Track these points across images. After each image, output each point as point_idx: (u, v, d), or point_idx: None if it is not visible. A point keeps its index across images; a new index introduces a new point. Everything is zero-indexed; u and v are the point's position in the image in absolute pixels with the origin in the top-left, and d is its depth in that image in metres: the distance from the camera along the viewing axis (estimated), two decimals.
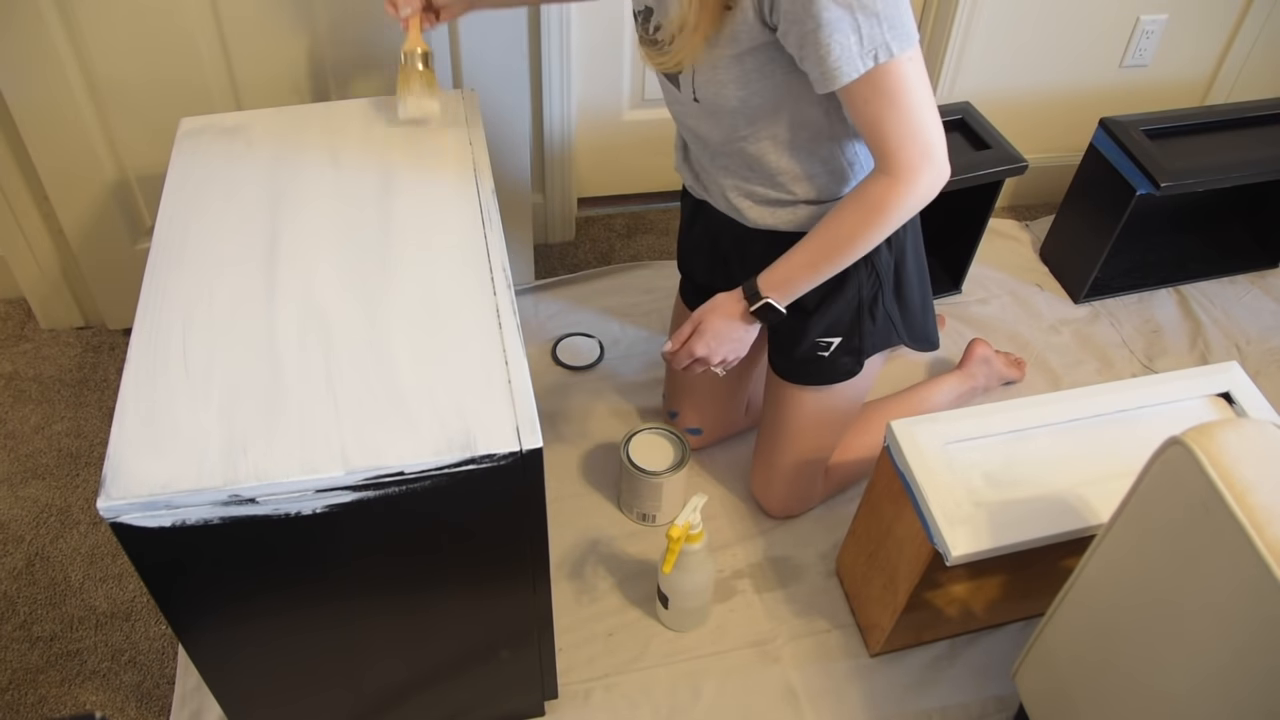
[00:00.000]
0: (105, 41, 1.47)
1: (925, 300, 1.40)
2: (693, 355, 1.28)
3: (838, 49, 1.01)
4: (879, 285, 1.31)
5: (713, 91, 1.14)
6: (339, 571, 1.01)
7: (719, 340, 1.26)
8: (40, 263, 1.77)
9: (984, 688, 1.39)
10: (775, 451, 1.51)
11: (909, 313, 1.37)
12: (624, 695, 1.37)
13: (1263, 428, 0.90)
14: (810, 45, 1.02)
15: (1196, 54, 2.11)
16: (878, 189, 1.11)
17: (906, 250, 1.32)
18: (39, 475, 1.63)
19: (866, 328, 1.34)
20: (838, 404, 1.44)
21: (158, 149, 1.60)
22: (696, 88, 1.15)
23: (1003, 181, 1.81)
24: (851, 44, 1.00)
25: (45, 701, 1.37)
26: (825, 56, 1.02)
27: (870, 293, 1.31)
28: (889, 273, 1.31)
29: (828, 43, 1.01)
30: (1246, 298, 2.05)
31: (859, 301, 1.31)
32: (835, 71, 1.03)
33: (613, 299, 1.96)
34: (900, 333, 1.37)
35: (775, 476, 1.53)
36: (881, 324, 1.34)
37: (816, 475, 1.55)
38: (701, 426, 1.65)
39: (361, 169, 1.22)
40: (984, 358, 1.76)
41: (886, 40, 1.00)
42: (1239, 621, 0.86)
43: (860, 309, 1.32)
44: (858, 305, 1.31)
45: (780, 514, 1.59)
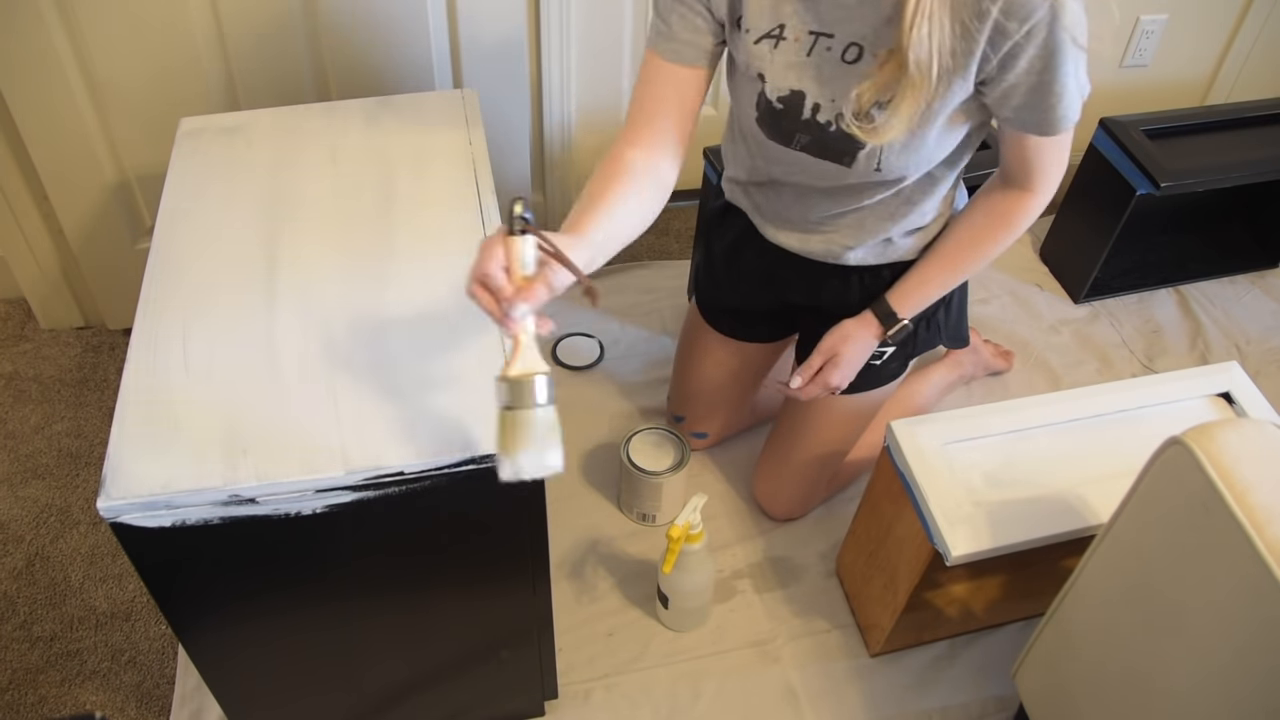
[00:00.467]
0: (105, 41, 1.47)
1: (963, 300, 1.40)
2: (828, 386, 1.30)
3: (1073, 89, 1.00)
4: (941, 299, 1.30)
5: (905, 158, 1.08)
6: (339, 571, 1.01)
7: (851, 367, 1.29)
8: (40, 263, 1.77)
9: (984, 688, 1.39)
10: (792, 452, 1.50)
11: (951, 315, 1.37)
12: (624, 695, 1.37)
13: (1263, 428, 0.90)
14: (1042, 91, 1.00)
15: (1196, 54, 2.11)
16: (1012, 200, 1.15)
17: None
18: (39, 475, 1.63)
19: (921, 335, 1.34)
20: (869, 408, 1.44)
21: (158, 149, 1.60)
22: (884, 158, 1.08)
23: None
24: (1081, 82, 1.01)
25: (45, 701, 1.37)
26: (1058, 103, 1.01)
27: (934, 305, 1.30)
28: None
29: (1063, 85, 0.99)
30: (1246, 298, 2.05)
31: (922, 314, 1.30)
32: (1066, 116, 1.02)
33: (613, 299, 1.96)
34: (943, 335, 1.38)
35: (786, 479, 1.53)
36: (933, 330, 1.36)
37: (825, 480, 1.54)
38: (708, 432, 1.65)
39: (361, 169, 1.22)
40: (971, 346, 1.76)
41: (1083, 76, 1.01)
42: (1239, 621, 0.86)
43: (920, 318, 1.31)
44: (920, 315, 1.30)
45: (784, 517, 1.59)
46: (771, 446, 1.56)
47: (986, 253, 1.20)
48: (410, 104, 1.33)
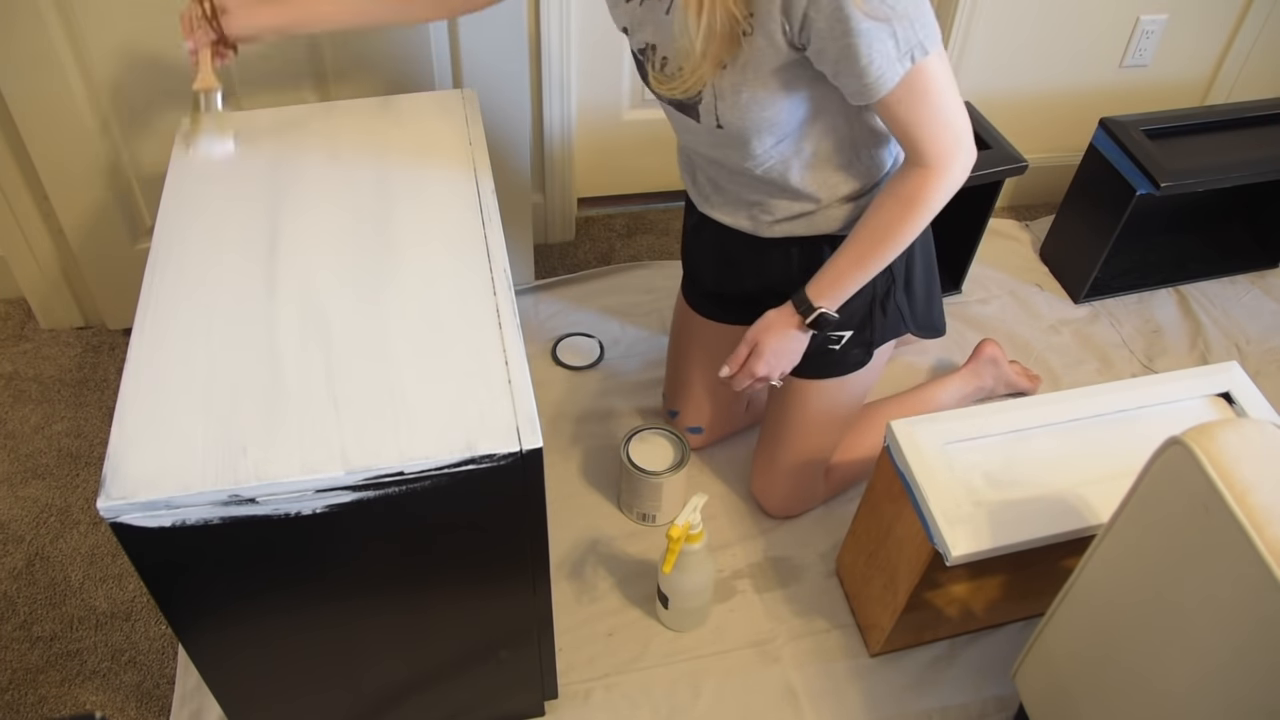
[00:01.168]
0: (105, 41, 1.47)
1: (932, 289, 1.40)
2: (754, 375, 1.30)
3: (879, 59, 1.01)
4: (892, 280, 1.31)
5: (737, 115, 1.13)
6: (339, 571, 1.01)
7: (777, 356, 1.29)
8: (40, 263, 1.77)
9: (984, 688, 1.39)
10: (778, 447, 1.51)
11: (915, 302, 1.37)
12: (624, 695, 1.37)
13: (1263, 428, 0.90)
14: (847, 60, 1.02)
15: (1196, 54, 2.11)
16: (913, 181, 1.14)
17: (914, 243, 1.28)
18: (39, 475, 1.63)
19: (878, 320, 1.35)
20: (843, 397, 1.44)
21: (158, 149, 1.61)
22: (720, 114, 1.14)
23: (1002, 182, 1.82)
24: (890, 51, 1.01)
25: (45, 701, 1.37)
26: (867, 69, 1.02)
27: (884, 288, 1.31)
28: (901, 267, 1.31)
29: (868, 54, 1.01)
30: (1246, 298, 2.05)
31: (872, 296, 1.31)
32: (878, 82, 1.03)
33: (613, 299, 1.96)
34: (908, 322, 1.38)
35: (777, 474, 1.53)
36: (892, 316, 1.35)
37: (818, 474, 1.55)
38: (702, 425, 1.65)
39: (361, 169, 1.22)
40: (991, 358, 1.74)
41: (920, 39, 1.01)
42: (1239, 621, 0.86)
43: (873, 303, 1.32)
44: (870, 300, 1.32)
45: (780, 513, 1.59)
46: (761, 444, 1.57)
47: (899, 238, 1.19)
48: (410, 104, 1.33)
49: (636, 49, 1.20)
